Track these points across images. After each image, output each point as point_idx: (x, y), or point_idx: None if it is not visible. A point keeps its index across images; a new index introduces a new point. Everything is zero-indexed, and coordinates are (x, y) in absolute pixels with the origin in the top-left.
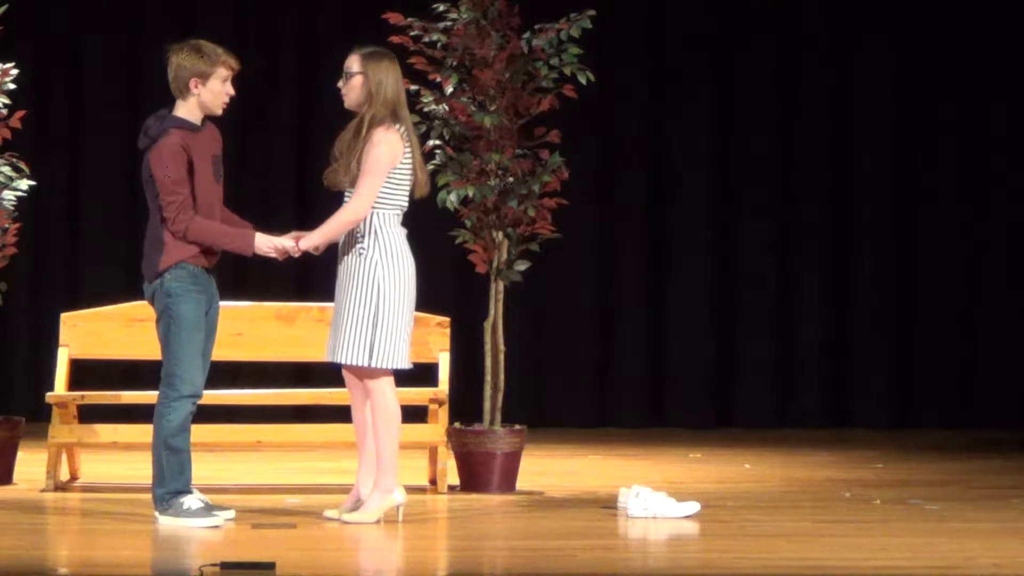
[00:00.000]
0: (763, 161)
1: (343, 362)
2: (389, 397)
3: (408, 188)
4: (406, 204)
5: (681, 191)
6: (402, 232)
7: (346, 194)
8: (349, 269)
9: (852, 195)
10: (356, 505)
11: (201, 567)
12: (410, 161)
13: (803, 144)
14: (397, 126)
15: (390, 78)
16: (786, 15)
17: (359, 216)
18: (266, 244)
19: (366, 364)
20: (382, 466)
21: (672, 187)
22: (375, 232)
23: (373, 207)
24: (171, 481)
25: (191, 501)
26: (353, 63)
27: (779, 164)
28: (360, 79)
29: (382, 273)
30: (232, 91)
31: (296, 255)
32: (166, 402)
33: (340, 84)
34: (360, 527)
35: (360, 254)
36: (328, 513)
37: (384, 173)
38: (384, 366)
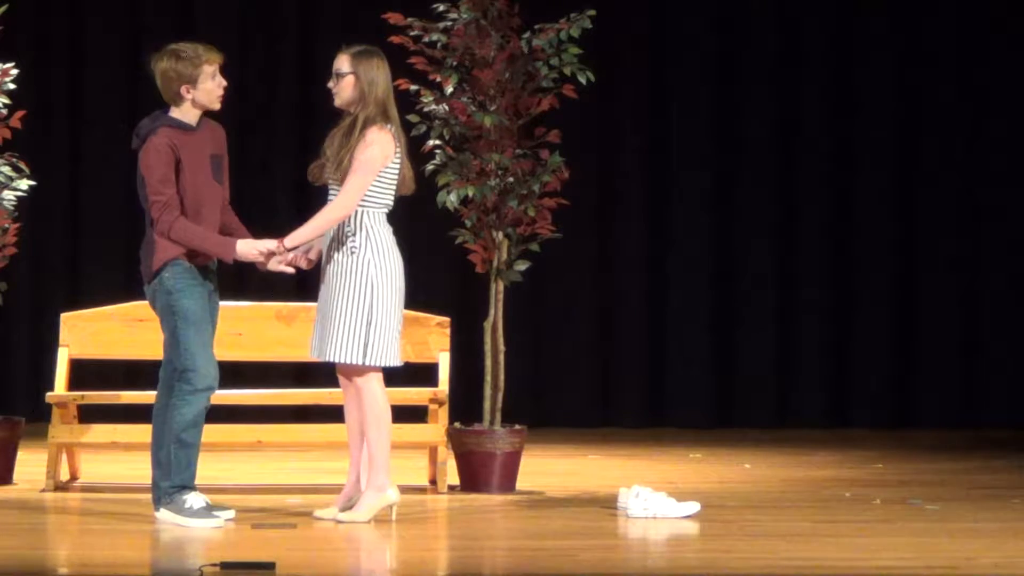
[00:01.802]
0: (764, 161)
1: (337, 360)
2: (379, 395)
3: (395, 187)
4: (392, 202)
5: (681, 191)
6: (390, 229)
7: (330, 189)
8: (340, 267)
9: (853, 195)
10: (348, 504)
11: (201, 567)
12: (399, 160)
13: (804, 144)
14: (388, 125)
15: (380, 76)
16: (786, 14)
17: (346, 213)
18: (249, 249)
19: (360, 362)
20: (375, 465)
21: (672, 187)
22: (366, 230)
23: (363, 205)
24: (176, 474)
25: (193, 499)
26: (343, 63)
27: (780, 164)
28: (351, 79)
29: (375, 271)
30: (224, 82)
31: (282, 252)
32: (180, 395)
33: (331, 84)
34: (359, 527)
35: (352, 252)
36: (318, 513)
37: (375, 173)
38: (377, 364)
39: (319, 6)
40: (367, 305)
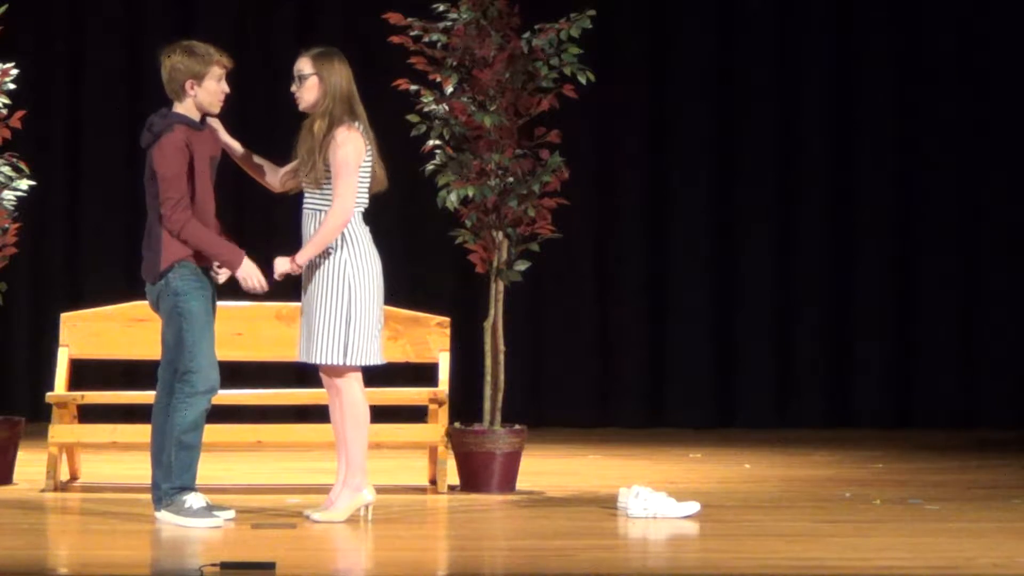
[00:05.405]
0: (764, 161)
1: (318, 362)
2: (358, 395)
3: (368, 185)
4: (367, 201)
5: (681, 190)
6: (367, 229)
7: (305, 191)
8: (318, 269)
9: (852, 195)
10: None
11: (201, 567)
12: (371, 158)
13: (805, 143)
14: (356, 124)
15: (343, 76)
16: (786, 12)
17: (345, 218)
18: (251, 273)
19: (341, 362)
20: (352, 464)
21: (672, 186)
22: (342, 231)
23: None
24: (177, 476)
25: (193, 500)
26: (304, 65)
27: (780, 164)
28: (314, 80)
29: (352, 271)
30: (227, 89)
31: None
32: (181, 398)
33: (293, 88)
34: (358, 527)
35: (329, 254)
36: (308, 513)
37: (355, 172)
38: (358, 363)
39: (319, 6)
40: (345, 305)
